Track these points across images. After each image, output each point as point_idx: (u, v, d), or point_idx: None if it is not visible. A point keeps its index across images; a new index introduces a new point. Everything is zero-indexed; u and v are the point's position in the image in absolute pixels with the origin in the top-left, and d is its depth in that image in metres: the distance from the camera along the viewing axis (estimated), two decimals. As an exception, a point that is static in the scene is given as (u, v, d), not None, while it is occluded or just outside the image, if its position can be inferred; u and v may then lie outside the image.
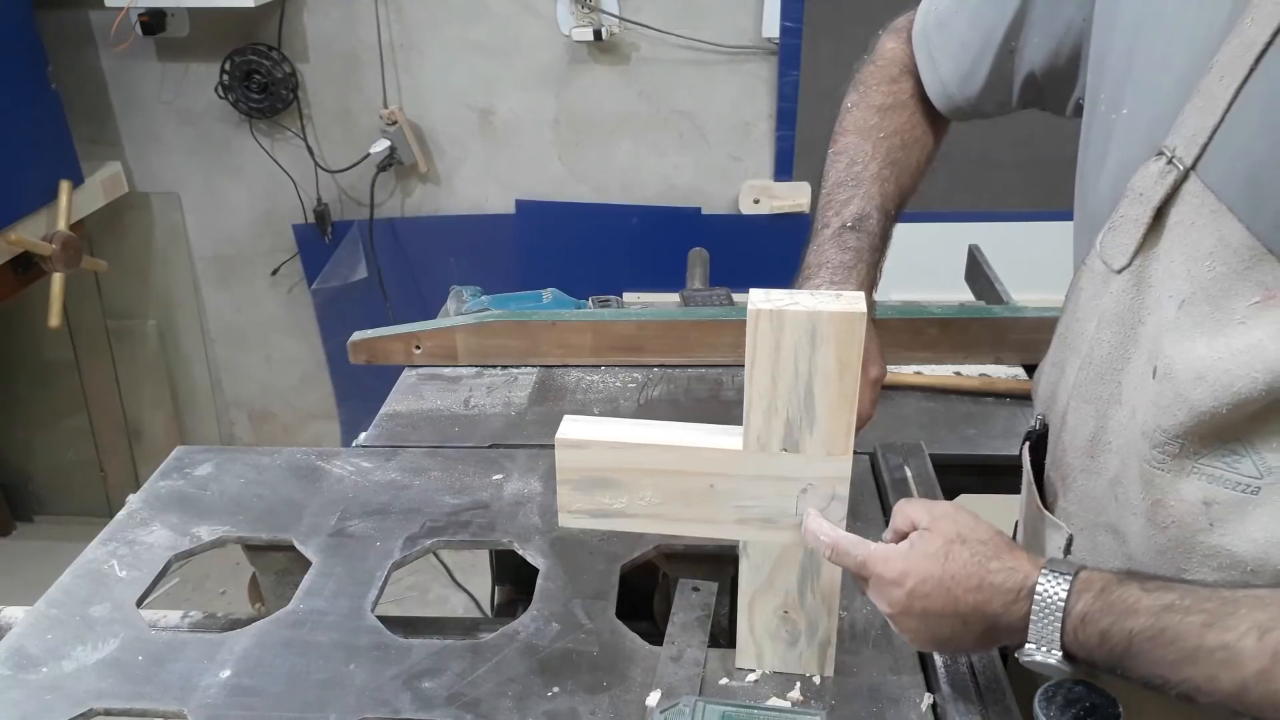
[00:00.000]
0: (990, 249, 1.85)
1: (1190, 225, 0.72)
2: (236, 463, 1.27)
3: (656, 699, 0.89)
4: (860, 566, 0.81)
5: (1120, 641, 0.70)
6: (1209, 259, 0.71)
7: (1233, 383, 0.69)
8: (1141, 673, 0.71)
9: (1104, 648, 0.71)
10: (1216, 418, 0.71)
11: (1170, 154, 0.73)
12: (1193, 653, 0.68)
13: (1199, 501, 0.75)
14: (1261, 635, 0.65)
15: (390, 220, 2.86)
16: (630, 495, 0.86)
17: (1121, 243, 0.78)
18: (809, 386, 0.78)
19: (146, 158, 2.86)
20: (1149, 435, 0.76)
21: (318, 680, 0.94)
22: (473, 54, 2.64)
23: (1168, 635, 0.69)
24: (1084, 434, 0.85)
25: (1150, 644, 0.69)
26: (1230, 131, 0.69)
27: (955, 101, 1.04)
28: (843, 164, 1.03)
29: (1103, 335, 0.82)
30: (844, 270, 0.97)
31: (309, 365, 3.12)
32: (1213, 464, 0.74)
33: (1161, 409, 0.75)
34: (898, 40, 1.10)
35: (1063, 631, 0.73)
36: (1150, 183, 0.74)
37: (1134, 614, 0.70)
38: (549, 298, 1.65)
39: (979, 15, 0.98)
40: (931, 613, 0.78)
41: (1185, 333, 0.72)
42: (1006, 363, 1.52)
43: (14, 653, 0.97)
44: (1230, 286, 0.70)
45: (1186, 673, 0.68)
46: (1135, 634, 0.70)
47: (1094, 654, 0.72)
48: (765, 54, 2.56)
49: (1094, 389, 0.83)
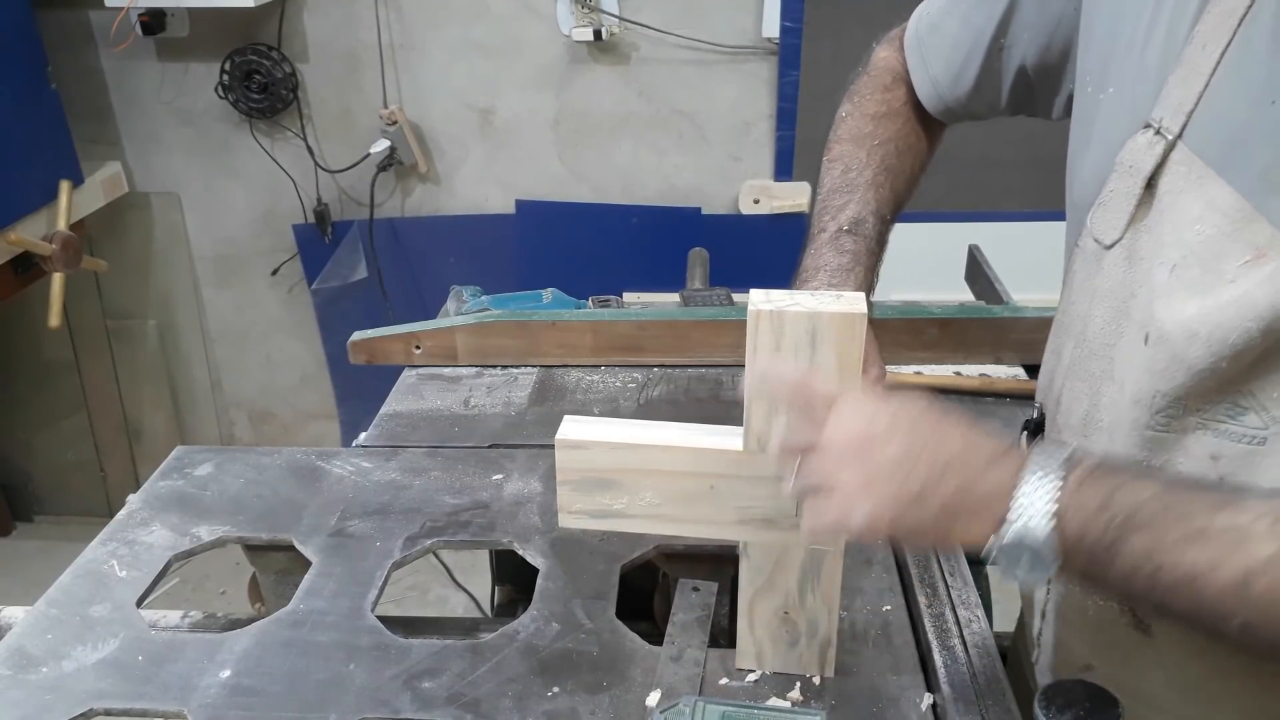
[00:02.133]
0: (990, 249, 1.85)
1: (1180, 193, 0.72)
2: (236, 463, 1.27)
3: (656, 699, 0.89)
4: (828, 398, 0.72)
5: (1122, 509, 0.64)
6: (1198, 223, 0.71)
7: (1226, 335, 0.68)
8: (1136, 555, 0.63)
9: (1103, 515, 0.64)
10: (1217, 373, 0.70)
11: (1157, 125, 0.73)
12: (1201, 530, 0.62)
13: (1206, 456, 0.74)
14: (1275, 520, 0.61)
15: (390, 220, 2.86)
16: (630, 496, 0.86)
17: (1112, 218, 0.78)
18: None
19: (146, 158, 2.86)
20: (1146, 402, 0.75)
21: (318, 680, 0.94)
22: (473, 54, 2.64)
23: (1176, 510, 0.63)
24: (1077, 413, 0.85)
25: (1155, 518, 0.63)
26: (1214, 98, 0.70)
27: (946, 102, 1.05)
28: (838, 171, 1.04)
29: (1095, 311, 0.81)
30: (841, 273, 0.97)
31: (309, 365, 3.12)
32: (1217, 419, 0.73)
33: (1157, 373, 0.74)
34: (890, 49, 1.11)
35: (1064, 486, 0.64)
36: (1139, 154, 0.75)
37: (1141, 481, 0.65)
38: (549, 298, 1.65)
39: (970, 15, 0.99)
40: (913, 443, 0.68)
41: (1176, 296, 0.72)
42: (1006, 363, 1.52)
43: (14, 653, 0.97)
44: (1220, 249, 0.69)
45: (1189, 554, 0.62)
46: (1141, 504, 0.63)
47: (1089, 524, 0.64)
48: (765, 54, 2.56)
49: (1087, 365, 0.83)
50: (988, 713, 0.86)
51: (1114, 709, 0.72)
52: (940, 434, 0.69)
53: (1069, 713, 0.73)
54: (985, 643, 0.95)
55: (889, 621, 0.99)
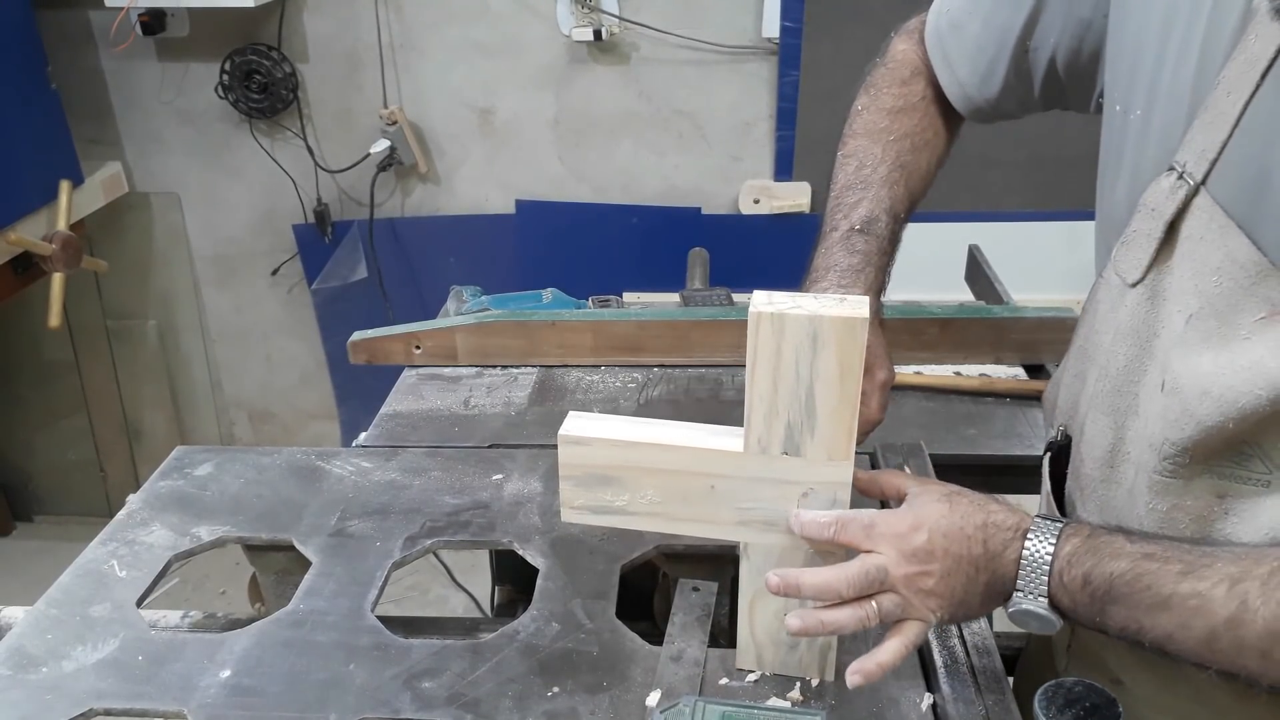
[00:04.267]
0: (990, 249, 1.85)
1: (1200, 240, 0.72)
2: (236, 463, 1.27)
3: (656, 699, 0.89)
4: (869, 528, 0.80)
5: (1101, 585, 0.72)
6: (1216, 274, 0.71)
7: (1237, 399, 0.70)
8: (1119, 620, 0.72)
9: (1086, 591, 0.73)
10: (1224, 431, 0.72)
11: (1181, 169, 0.73)
12: (1167, 599, 0.70)
13: (1213, 496, 0.76)
14: (1232, 585, 0.68)
15: (390, 220, 2.86)
16: (631, 493, 0.86)
17: (1135, 257, 0.78)
18: (810, 391, 0.77)
19: (146, 158, 2.86)
20: (1158, 448, 0.77)
21: (318, 680, 0.94)
22: (473, 54, 2.64)
23: (1145, 580, 0.71)
24: (1102, 445, 0.85)
25: (1128, 588, 0.71)
26: (1238, 147, 0.69)
27: (975, 103, 1.03)
28: (852, 167, 1.03)
29: (1118, 348, 0.82)
30: (852, 273, 0.96)
31: (309, 365, 3.12)
32: (1222, 465, 0.75)
33: (1169, 423, 0.75)
34: (909, 42, 1.09)
35: (1050, 574, 0.74)
36: (1162, 198, 0.75)
37: (1116, 558, 0.72)
38: (549, 298, 1.65)
39: (992, 16, 0.97)
40: (953, 557, 0.78)
41: (1192, 347, 0.73)
42: (1006, 363, 1.52)
43: (14, 653, 0.97)
44: (1237, 302, 0.70)
45: (1160, 619, 0.70)
46: (1116, 577, 0.72)
47: (1076, 599, 0.74)
48: (765, 54, 2.56)
49: (1111, 401, 0.84)
50: (988, 713, 0.86)
51: (1114, 709, 0.73)
52: (970, 527, 0.78)
53: (1069, 713, 0.73)
54: (985, 643, 0.95)
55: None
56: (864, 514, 0.81)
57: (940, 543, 0.78)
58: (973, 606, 0.80)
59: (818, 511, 0.83)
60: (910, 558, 0.78)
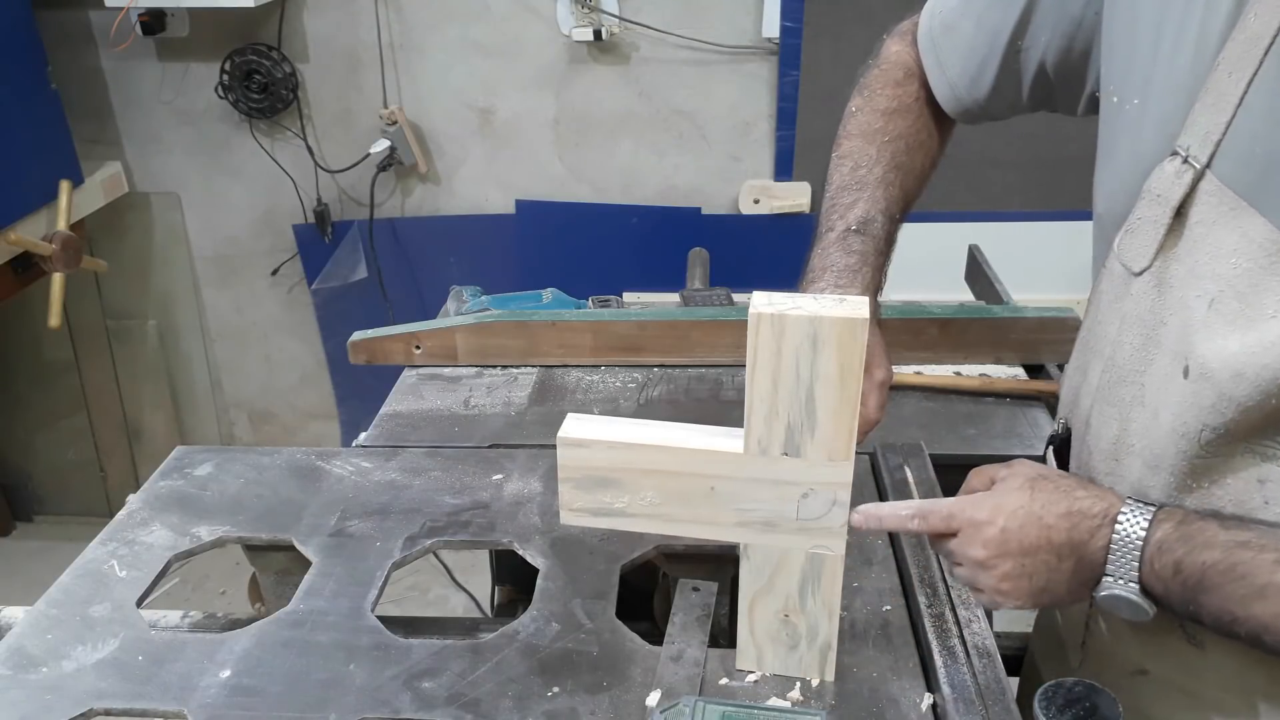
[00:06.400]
0: (990, 249, 1.85)
1: (1211, 224, 0.72)
2: (236, 463, 1.27)
3: (656, 699, 0.89)
4: (948, 518, 0.81)
5: (1193, 574, 0.71)
6: (1233, 256, 0.71)
7: (1276, 375, 0.69)
8: (1213, 609, 0.71)
9: (1178, 579, 0.72)
10: (1265, 408, 0.71)
11: (1185, 153, 0.73)
12: (1262, 589, 0.69)
13: (1254, 480, 0.76)
14: None
15: (390, 220, 2.86)
16: (631, 495, 0.86)
17: (1140, 245, 0.78)
18: (810, 391, 0.77)
19: (146, 158, 2.86)
20: (1194, 436, 0.76)
21: (318, 680, 0.94)
22: (473, 54, 2.65)
23: (1239, 570, 0.70)
24: (1107, 437, 0.85)
25: (1222, 578, 0.70)
26: (1242, 127, 0.69)
27: (964, 104, 1.04)
28: (847, 168, 1.03)
29: (1124, 338, 0.82)
30: (849, 274, 0.96)
31: (309, 365, 3.12)
32: (1265, 444, 0.75)
33: (1205, 409, 0.74)
34: (902, 44, 1.09)
35: (1141, 560, 0.73)
36: (1167, 183, 0.74)
37: (1209, 547, 0.71)
38: (549, 298, 1.65)
39: (985, 17, 0.98)
40: (1027, 547, 0.77)
41: (1217, 331, 0.72)
42: (1006, 363, 1.52)
43: (14, 653, 0.97)
44: (1259, 282, 0.69)
45: (1255, 609, 0.69)
46: (1208, 567, 0.71)
47: (1169, 586, 0.73)
48: (765, 54, 2.56)
49: (1116, 391, 0.83)
50: (988, 713, 0.86)
51: (1114, 709, 0.73)
52: (1051, 516, 0.77)
53: (1069, 713, 0.73)
54: (985, 643, 0.94)
55: (889, 621, 0.99)
56: (944, 503, 0.82)
57: (1015, 533, 0.77)
58: (1058, 593, 0.80)
59: (895, 503, 0.85)
60: (986, 545, 0.79)
